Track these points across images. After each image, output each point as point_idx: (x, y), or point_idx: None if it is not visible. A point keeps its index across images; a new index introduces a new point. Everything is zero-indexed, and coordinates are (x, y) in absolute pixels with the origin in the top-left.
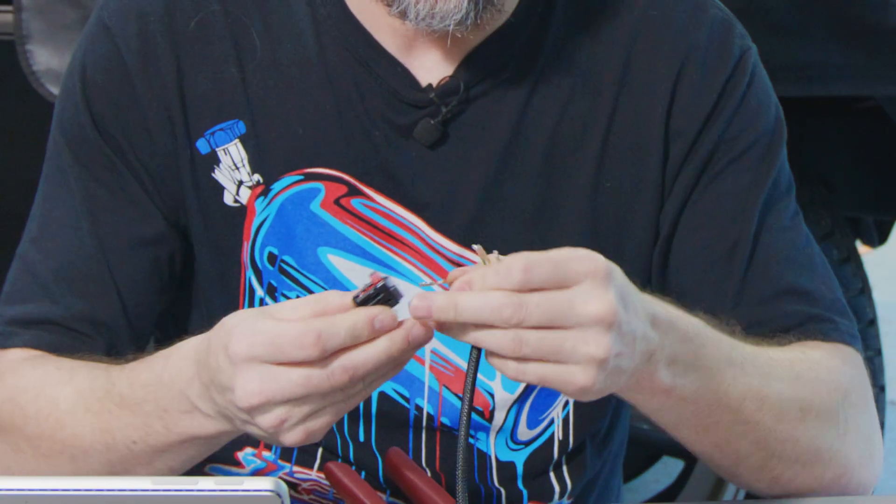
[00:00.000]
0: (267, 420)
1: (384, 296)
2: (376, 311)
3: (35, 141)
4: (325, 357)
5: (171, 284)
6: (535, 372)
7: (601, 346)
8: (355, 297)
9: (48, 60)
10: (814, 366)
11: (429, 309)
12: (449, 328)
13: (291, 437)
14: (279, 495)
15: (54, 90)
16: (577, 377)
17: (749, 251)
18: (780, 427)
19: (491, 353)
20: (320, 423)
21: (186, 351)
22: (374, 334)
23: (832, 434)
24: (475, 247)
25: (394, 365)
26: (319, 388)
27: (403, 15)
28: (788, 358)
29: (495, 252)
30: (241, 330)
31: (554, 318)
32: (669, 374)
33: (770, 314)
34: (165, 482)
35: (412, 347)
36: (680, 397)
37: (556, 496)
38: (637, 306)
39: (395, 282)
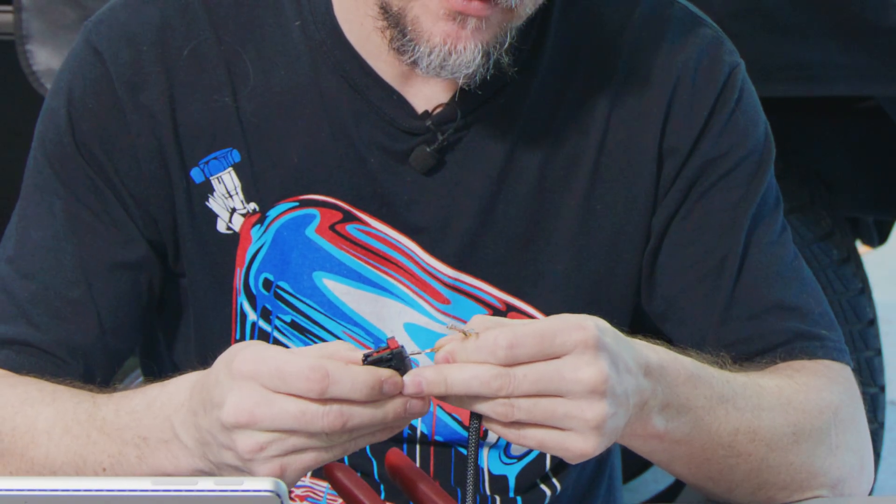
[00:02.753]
0: (247, 443)
1: (395, 363)
2: (387, 375)
3: None
4: (323, 399)
5: (148, 310)
6: (534, 437)
7: (597, 412)
8: (366, 356)
9: (48, 60)
10: (802, 388)
11: (420, 385)
12: (445, 399)
13: (265, 469)
14: (279, 495)
15: None
16: (577, 444)
17: (737, 267)
18: (773, 455)
19: (491, 423)
20: (297, 464)
21: (185, 380)
22: (377, 397)
23: (823, 453)
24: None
25: (385, 429)
26: (310, 426)
27: (415, 64)
28: (777, 384)
29: (473, 331)
30: (250, 352)
31: (543, 388)
32: (662, 420)
33: (758, 330)
34: (165, 482)
35: (407, 417)
36: (673, 440)
37: (548, 500)
38: (629, 363)
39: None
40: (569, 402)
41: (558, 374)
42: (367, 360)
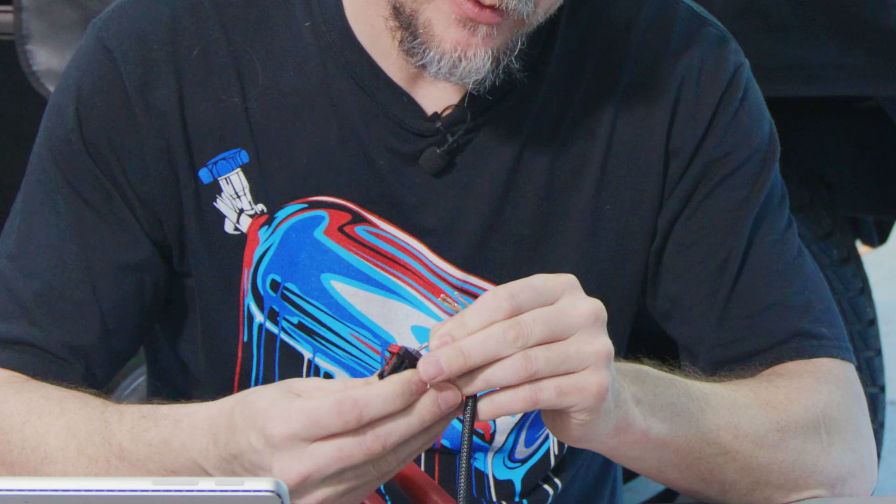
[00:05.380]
0: (306, 501)
1: (408, 363)
2: (410, 374)
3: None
4: (361, 427)
5: (152, 311)
6: (550, 387)
7: (603, 341)
8: (381, 374)
9: (48, 60)
10: (783, 389)
11: (437, 364)
12: (456, 382)
13: None
14: (279, 495)
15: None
16: (592, 379)
17: (738, 267)
18: (761, 452)
19: (499, 394)
20: (356, 499)
21: (197, 421)
22: (411, 399)
23: (815, 451)
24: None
25: (428, 434)
26: (353, 459)
27: (424, 68)
28: (752, 387)
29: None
30: (277, 412)
31: (554, 328)
32: (640, 414)
33: (755, 330)
34: (165, 482)
35: (444, 413)
36: (658, 441)
37: (551, 498)
38: None
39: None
40: (577, 337)
41: (562, 312)
42: (383, 376)
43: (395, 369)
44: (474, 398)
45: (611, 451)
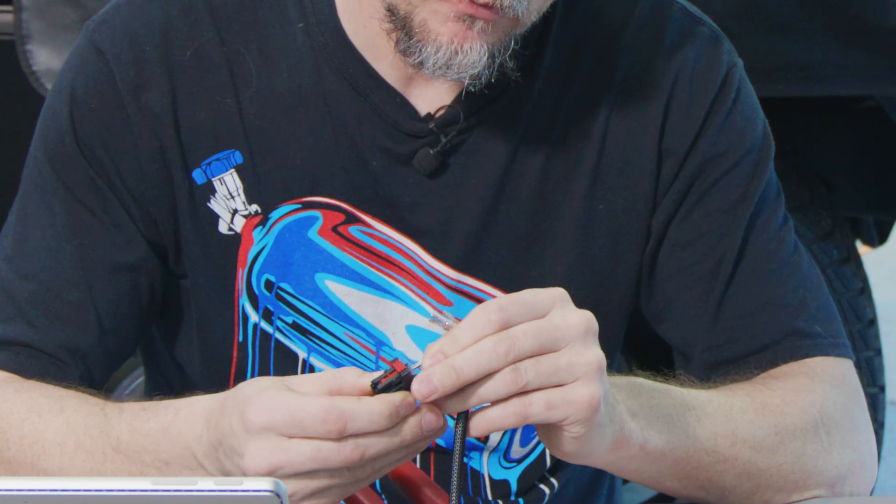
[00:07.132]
0: None
1: (404, 385)
2: (401, 398)
3: None
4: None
5: (148, 312)
6: (540, 400)
7: (594, 352)
8: (375, 383)
9: (48, 60)
10: (778, 392)
11: (431, 382)
12: (449, 402)
13: None
14: (278, 495)
15: None
16: (583, 390)
17: (732, 268)
18: (760, 457)
19: (489, 409)
20: (326, 500)
21: (198, 408)
22: (396, 422)
23: (815, 452)
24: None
25: (408, 452)
26: (329, 463)
27: (421, 65)
28: (747, 392)
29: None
30: (261, 400)
31: (545, 341)
32: (637, 428)
33: (749, 330)
34: (164, 482)
35: (425, 436)
36: (656, 453)
37: (547, 498)
38: None
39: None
40: (567, 350)
41: (553, 325)
42: (378, 388)
43: (389, 386)
44: (466, 415)
45: (609, 465)
